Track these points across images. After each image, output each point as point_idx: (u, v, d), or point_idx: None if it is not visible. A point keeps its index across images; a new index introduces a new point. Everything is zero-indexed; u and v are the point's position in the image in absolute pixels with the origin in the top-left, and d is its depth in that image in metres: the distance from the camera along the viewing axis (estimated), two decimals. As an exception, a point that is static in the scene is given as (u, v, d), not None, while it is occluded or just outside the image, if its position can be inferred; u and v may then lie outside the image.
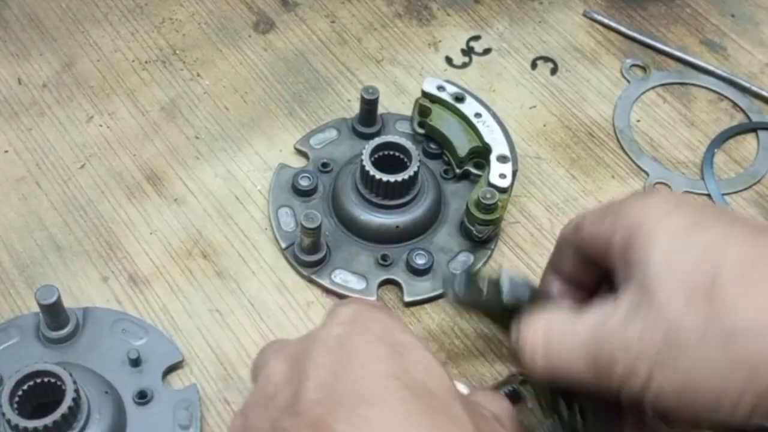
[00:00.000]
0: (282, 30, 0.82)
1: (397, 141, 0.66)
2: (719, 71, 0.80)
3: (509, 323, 0.52)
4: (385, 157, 0.67)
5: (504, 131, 0.70)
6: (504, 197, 0.66)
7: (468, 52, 0.81)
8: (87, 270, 0.67)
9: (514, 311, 0.52)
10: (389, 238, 0.67)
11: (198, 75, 0.78)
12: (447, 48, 0.81)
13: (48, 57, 0.79)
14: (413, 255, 0.66)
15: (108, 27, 0.81)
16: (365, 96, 0.70)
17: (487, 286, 0.54)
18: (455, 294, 0.55)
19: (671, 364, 0.41)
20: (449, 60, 0.81)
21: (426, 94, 0.72)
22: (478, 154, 0.70)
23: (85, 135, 0.74)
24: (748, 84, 0.79)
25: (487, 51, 0.81)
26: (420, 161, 0.66)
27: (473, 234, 0.67)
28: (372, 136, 0.71)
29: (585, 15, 0.84)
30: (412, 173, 0.65)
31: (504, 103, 0.77)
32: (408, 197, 0.67)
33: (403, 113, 0.75)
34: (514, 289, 0.54)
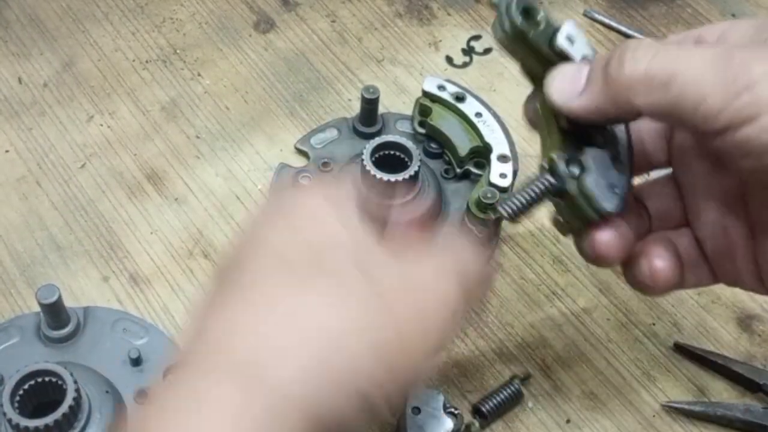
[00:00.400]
0: (282, 29, 0.82)
1: (398, 140, 0.66)
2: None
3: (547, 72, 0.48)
4: (386, 157, 0.67)
5: (505, 131, 0.70)
6: (504, 197, 0.66)
7: (468, 51, 0.81)
8: (88, 269, 0.67)
9: (559, 60, 0.49)
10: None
11: (198, 74, 0.78)
12: (447, 47, 0.81)
13: (48, 56, 0.79)
14: (414, 254, 0.66)
15: (108, 26, 0.81)
16: (366, 95, 0.70)
17: (545, 21, 0.50)
18: (509, 18, 0.49)
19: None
20: (450, 59, 0.81)
21: (426, 93, 0.72)
22: (478, 153, 0.70)
23: (86, 134, 0.74)
24: None
25: (488, 50, 0.81)
26: (421, 161, 0.66)
27: (474, 233, 0.67)
28: (372, 135, 0.71)
29: (585, 15, 0.84)
30: (412, 173, 0.65)
31: (505, 103, 0.77)
32: (409, 197, 0.67)
33: (404, 113, 0.75)
34: (570, 36, 0.50)
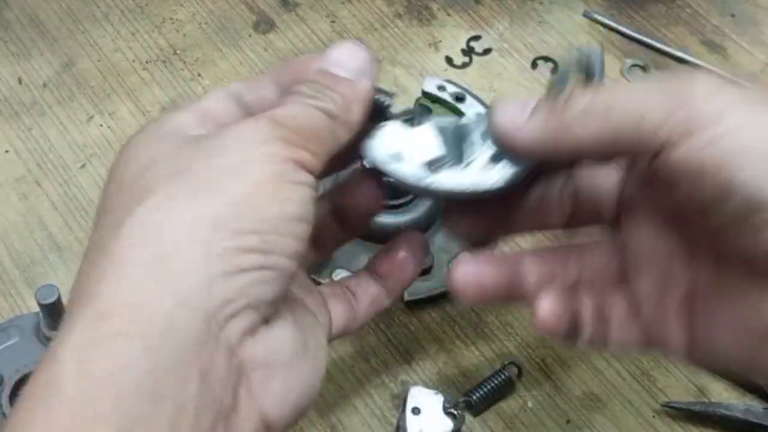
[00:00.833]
0: (282, 30, 0.82)
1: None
2: (720, 71, 0.80)
3: None
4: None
5: (504, 131, 0.70)
6: None
7: (468, 52, 0.81)
8: (87, 270, 0.67)
9: None
10: (390, 238, 0.67)
11: (198, 75, 0.78)
12: (447, 48, 0.81)
13: (48, 57, 0.79)
14: (414, 255, 0.66)
15: (108, 27, 0.81)
16: (366, 96, 0.70)
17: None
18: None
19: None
20: (449, 60, 0.81)
21: (426, 93, 0.72)
22: (478, 153, 0.70)
23: (86, 135, 0.74)
24: (748, 84, 0.79)
25: (488, 51, 0.81)
26: (420, 161, 0.66)
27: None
28: (372, 135, 0.71)
29: (585, 15, 0.84)
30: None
31: (504, 103, 0.77)
32: (408, 197, 0.67)
33: (404, 113, 0.75)
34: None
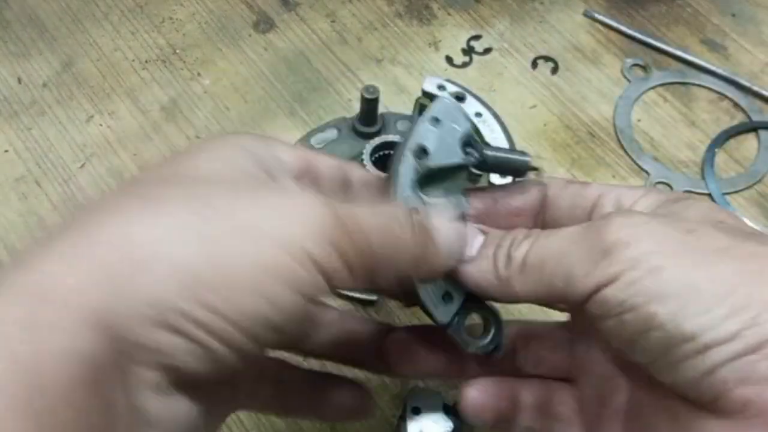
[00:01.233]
0: (282, 29, 0.82)
1: (398, 140, 0.66)
2: (720, 71, 0.80)
3: None
4: (386, 157, 0.67)
5: (504, 131, 0.70)
6: None
7: (468, 51, 0.81)
8: (87, 269, 0.67)
9: None
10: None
11: (198, 74, 0.78)
12: (447, 47, 0.81)
13: (48, 56, 0.79)
14: (414, 254, 0.66)
15: (108, 26, 0.81)
16: (366, 95, 0.70)
17: None
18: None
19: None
20: (450, 59, 0.81)
21: (426, 93, 0.72)
22: (478, 153, 0.70)
23: (86, 134, 0.74)
24: (748, 84, 0.79)
25: (488, 50, 0.81)
26: (420, 161, 0.66)
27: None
28: (372, 135, 0.71)
29: (585, 15, 0.84)
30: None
31: (504, 103, 0.77)
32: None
33: (404, 113, 0.75)
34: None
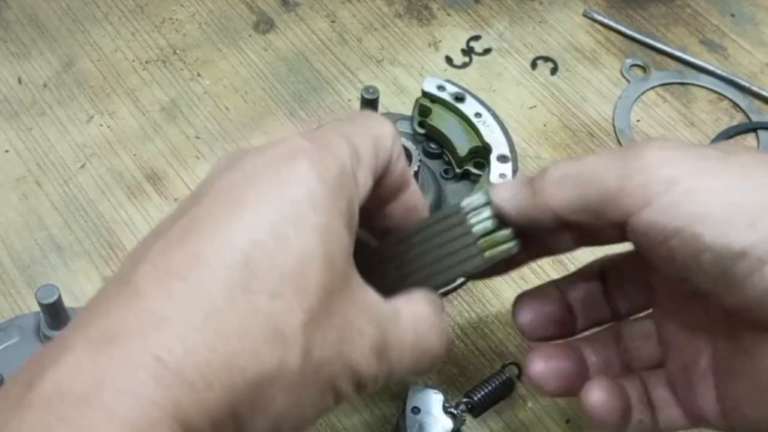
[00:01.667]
0: (282, 30, 0.82)
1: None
2: (719, 71, 0.80)
3: None
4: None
5: (504, 131, 0.70)
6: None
7: (468, 52, 0.81)
8: (87, 270, 0.67)
9: None
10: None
11: (198, 75, 0.79)
12: (447, 48, 0.81)
13: (48, 57, 0.79)
14: (413, 255, 0.66)
15: (108, 27, 0.81)
16: (365, 96, 0.70)
17: None
18: None
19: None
20: (449, 60, 0.81)
21: (426, 93, 0.72)
22: (478, 153, 0.70)
23: (86, 135, 0.74)
24: (748, 84, 0.80)
25: (488, 51, 0.81)
26: (420, 161, 0.66)
27: None
28: (372, 135, 0.71)
29: (585, 15, 0.84)
30: (412, 173, 0.65)
31: (504, 103, 0.78)
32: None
33: (404, 113, 0.75)
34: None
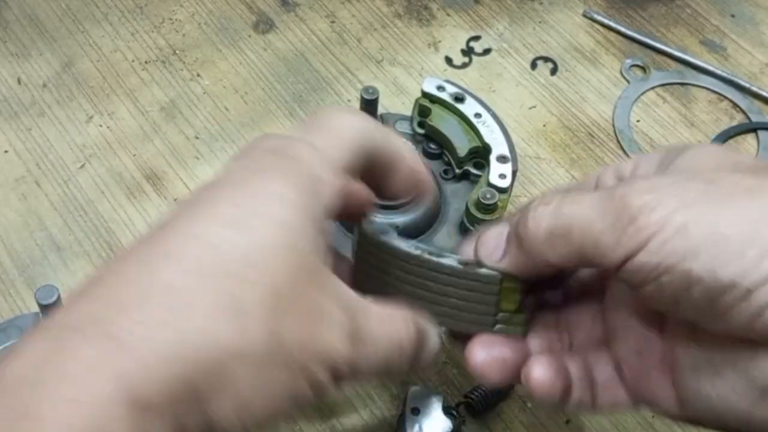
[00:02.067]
0: (282, 30, 0.82)
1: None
2: (719, 71, 0.80)
3: None
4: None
5: (504, 131, 0.70)
6: (504, 197, 0.66)
7: (468, 52, 0.81)
8: (87, 270, 0.67)
9: None
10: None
11: (198, 75, 0.78)
12: (447, 48, 0.81)
13: (48, 57, 0.79)
14: (413, 255, 0.66)
15: (108, 27, 0.81)
16: (365, 96, 0.70)
17: None
18: None
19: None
20: (449, 60, 0.81)
21: (426, 94, 0.72)
22: (477, 154, 0.70)
23: (85, 135, 0.74)
24: (748, 84, 0.80)
25: (487, 51, 0.81)
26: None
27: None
28: (372, 136, 0.71)
29: (585, 15, 0.84)
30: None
31: (504, 103, 0.78)
32: (408, 197, 0.67)
33: (403, 113, 0.75)
34: None
